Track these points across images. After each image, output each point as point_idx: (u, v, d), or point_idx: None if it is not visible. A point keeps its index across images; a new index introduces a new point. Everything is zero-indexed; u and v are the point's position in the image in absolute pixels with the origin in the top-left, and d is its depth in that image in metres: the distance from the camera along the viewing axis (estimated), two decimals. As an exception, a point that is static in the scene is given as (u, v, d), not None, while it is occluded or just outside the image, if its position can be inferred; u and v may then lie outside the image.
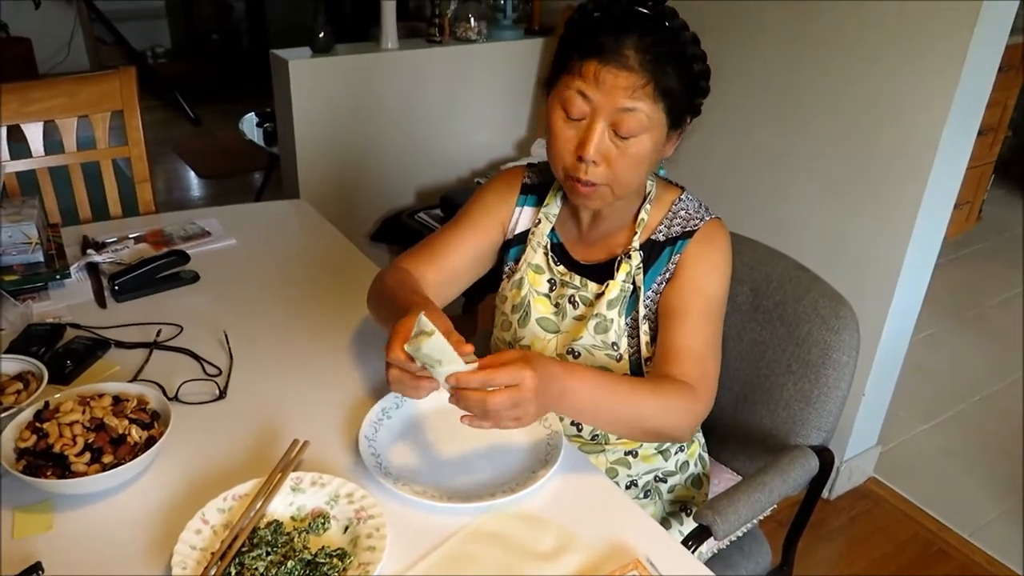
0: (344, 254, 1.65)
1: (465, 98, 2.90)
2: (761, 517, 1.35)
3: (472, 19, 2.83)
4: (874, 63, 1.89)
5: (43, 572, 0.87)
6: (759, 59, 2.14)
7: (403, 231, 2.73)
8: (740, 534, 1.36)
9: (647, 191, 1.19)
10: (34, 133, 1.76)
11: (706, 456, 1.38)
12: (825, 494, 2.25)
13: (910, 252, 1.93)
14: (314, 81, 2.55)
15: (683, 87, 1.04)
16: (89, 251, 1.53)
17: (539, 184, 1.27)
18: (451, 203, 2.59)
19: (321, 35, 2.54)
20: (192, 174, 4.39)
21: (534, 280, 1.25)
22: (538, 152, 2.88)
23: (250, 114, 3.65)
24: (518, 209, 1.28)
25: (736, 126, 2.26)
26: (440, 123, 2.88)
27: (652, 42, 1.01)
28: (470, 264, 1.28)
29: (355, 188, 2.79)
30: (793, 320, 1.31)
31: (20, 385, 1.11)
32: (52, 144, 1.78)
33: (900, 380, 2.23)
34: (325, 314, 1.41)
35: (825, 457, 1.27)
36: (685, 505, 1.33)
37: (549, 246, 1.25)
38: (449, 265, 1.26)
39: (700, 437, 1.37)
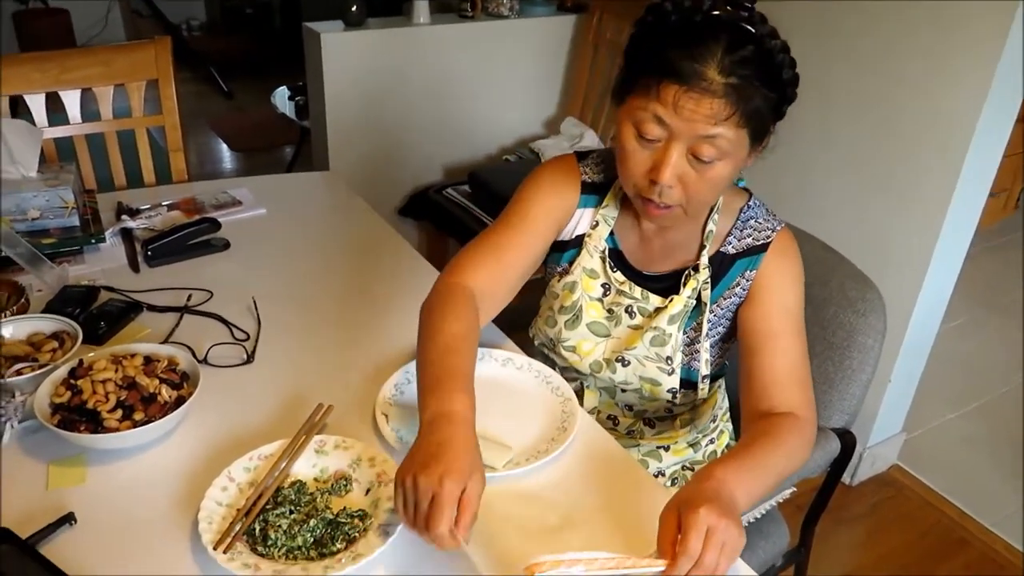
0: (372, 227, 1.66)
1: (495, 74, 2.89)
2: (780, 499, 1.35)
3: (504, -6, 2.82)
4: (910, 45, 1.86)
5: (75, 522, 0.90)
6: (790, 42, 2.11)
7: (431, 206, 2.74)
8: (759, 515, 1.36)
9: (715, 200, 1.12)
10: (72, 101, 1.79)
11: (733, 444, 1.36)
12: (847, 480, 2.25)
13: (942, 239, 1.91)
14: (346, 55, 2.55)
15: (768, 103, 0.96)
16: (123, 217, 1.56)
17: (598, 183, 1.18)
18: (479, 180, 2.59)
19: (353, 9, 2.54)
20: (224, 147, 4.43)
21: (587, 286, 1.19)
22: (568, 130, 2.87)
23: (282, 87, 3.67)
24: (579, 211, 1.19)
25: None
26: (470, 99, 2.87)
27: (738, 61, 0.91)
28: (529, 268, 1.18)
29: (384, 162, 2.80)
30: (819, 302, 1.30)
31: (56, 344, 1.14)
32: (89, 113, 1.81)
33: (928, 368, 2.20)
34: (351, 283, 1.43)
35: (847, 440, 1.27)
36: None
37: (607, 251, 1.17)
38: (508, 273, 1.15)
39: (729, 427, 1.35)
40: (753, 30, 0.93)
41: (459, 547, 0.82)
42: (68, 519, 0.90)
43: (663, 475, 1.28)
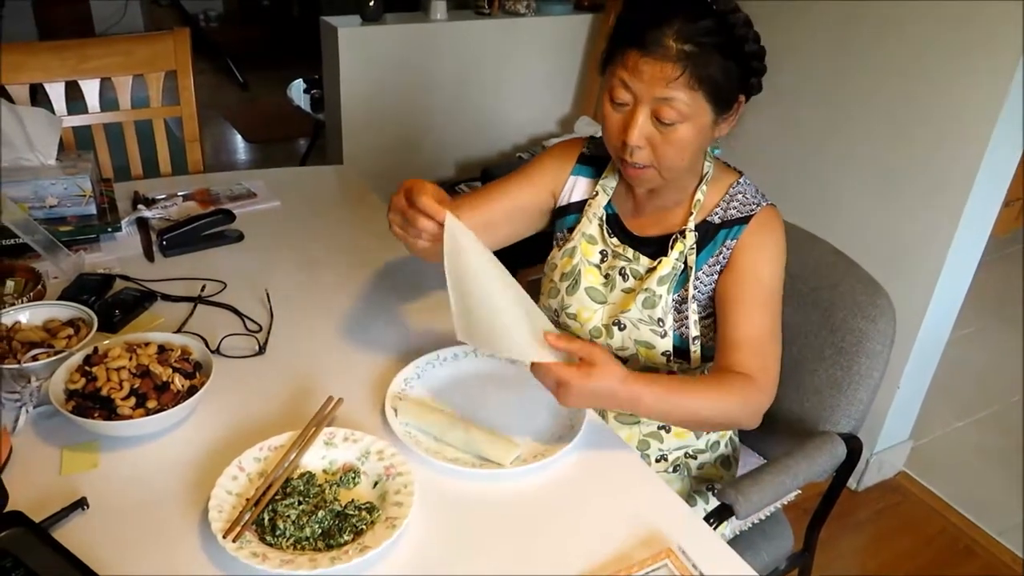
0: (384, 221, 1.66)
1: (511, 72, 2.89)
2: (785, 502, 1.36)
3: (522, -8, 2.83)
4: (926, 50, 1.85)
5: (87, 507, 0.92)
6: (807, 44, 2.11)
7: (443, 202, 2.75)
8: (763, 517, 1.37)
9: (704, 172, 1.20)
10: (91, 90, 1.81)
11: (736, 439, 1.38)
12: (854, 486, 2.25)
13: (954, 247, 1.90)
14: (362, 49, 2.57)
15: (728, 72, 1.04)
16: (139, 206, 1.58)
17: (597, 156, 1.29)
18: (492, 176, 2.59)
19: (371, 3, 2.55)
20: (239, 138, 4.45)
21: (586, 250, 1.26)
22: (581, 129, 2.87)
23: (298, 80, 3.69)
24: (572, 178, 1.30)
25: (782, 110, 2.22)
26: (485, 96, 2.88)
27: (695, 31, 1.01)
28: (509, 215, 1.29)
29: (398, 156, 2.81)
30: (828, 306, 1.30)
31: (71, 331, 1.16)
32: (107, 102, 1.83)
33: (937, 376, 2.20)
34: (363, 277, 1.44)
35: (853, 445, 1.27)
36: (712, 484, 1.33)
37: (605, 217, 1.26)
38: (488, 210, 1.26)
39: None
40: (714, 7, 1.02)
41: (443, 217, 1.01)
42: (81, 504, 0.91)
43: (666, 460, 1.30)
